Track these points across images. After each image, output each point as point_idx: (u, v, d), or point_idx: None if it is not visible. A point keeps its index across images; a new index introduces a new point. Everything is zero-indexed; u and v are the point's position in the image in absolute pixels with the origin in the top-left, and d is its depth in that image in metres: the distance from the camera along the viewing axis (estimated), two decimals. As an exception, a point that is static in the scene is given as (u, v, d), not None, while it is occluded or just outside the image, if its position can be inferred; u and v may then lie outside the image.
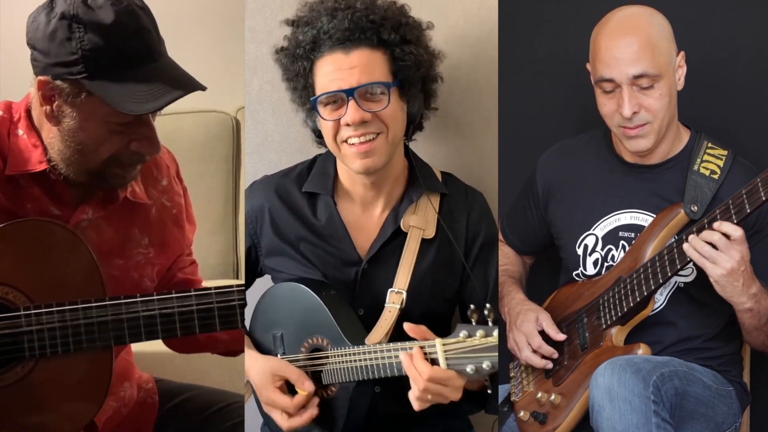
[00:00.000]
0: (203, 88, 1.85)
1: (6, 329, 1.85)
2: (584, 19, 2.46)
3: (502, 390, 2.32)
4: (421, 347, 1.85)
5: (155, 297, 1.90)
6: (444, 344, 1.81)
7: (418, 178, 2.12)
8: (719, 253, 1.97)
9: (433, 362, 1.83)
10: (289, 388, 2.06)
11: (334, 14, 2.00)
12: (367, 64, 1.99)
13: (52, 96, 1.84)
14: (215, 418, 2.12)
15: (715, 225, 1.98)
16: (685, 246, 2.01)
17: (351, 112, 1.98)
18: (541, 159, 2.39)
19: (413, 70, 2.04)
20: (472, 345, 1.79)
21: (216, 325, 1.91)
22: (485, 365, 1.77)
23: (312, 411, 2.02)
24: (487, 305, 1.78)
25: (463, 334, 1.79)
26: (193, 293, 1.91)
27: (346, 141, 2.01)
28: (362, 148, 2.00)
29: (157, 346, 2.01)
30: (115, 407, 2.05)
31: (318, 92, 2.03)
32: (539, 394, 2.22)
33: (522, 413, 2.24)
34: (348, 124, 1.99)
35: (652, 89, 2.10)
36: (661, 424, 1.96)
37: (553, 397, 2.18)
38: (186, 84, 1.85)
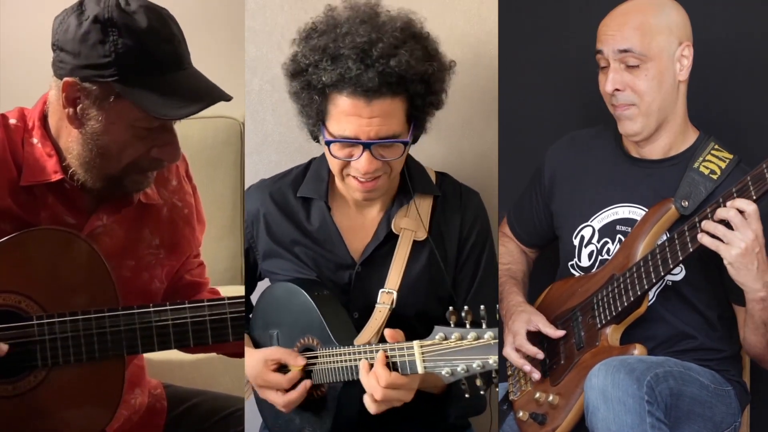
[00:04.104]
0: (229, 98, 1.89)
1: (19, 338, 1.88)
2: (584, 19, 2.49)
3: (501, 388, 2.34)
4: (400, 349, 1.87)
5: (168, 307, 1.93)
6: (421, 346, 1.82)
7: (408, 181, 2.15)
8: (734, 233, 1.97)
9: (407, 365, 1.85)
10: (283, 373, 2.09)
11: (365, 61, 1.95)
12: (387, 114, 1.98)
13: (77, 98, 1.87)
14: (223, 423, 2.16)
15: (728, 204, 1.99)
16: (698, 234, 2.02)
17: (365, 162, 2.00)
18: (551, 148, 2.43)
19: (430, 114, 2.08)
20: (447, 347, 1.79)
21: (229, 335, 1.95)
22: (460, 368, 1.76)
23: (306, 383, 2.06)
24: (465, 307, 1.78)
25: (439, 336, 1.80)
26: (206, 303, 1.94)
27: (352, 175, 2.05)
28: (367, 186, 2.05)
29: (165, 353, 2.03)
30: (126, 415, 2.10)
31: (331, 125, 2.02)
32: (537, 394, 2.25)
33: (521, 413, 2.27)
34: (358, 169, 2.02)
35: (638, 69, 2.15)
36: (655, 424, 1.99)
37: (551, 397, 2.21)
38: (214, 92, 1.89)
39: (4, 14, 2.80)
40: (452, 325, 1.79)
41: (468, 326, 1.77)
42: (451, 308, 1.80)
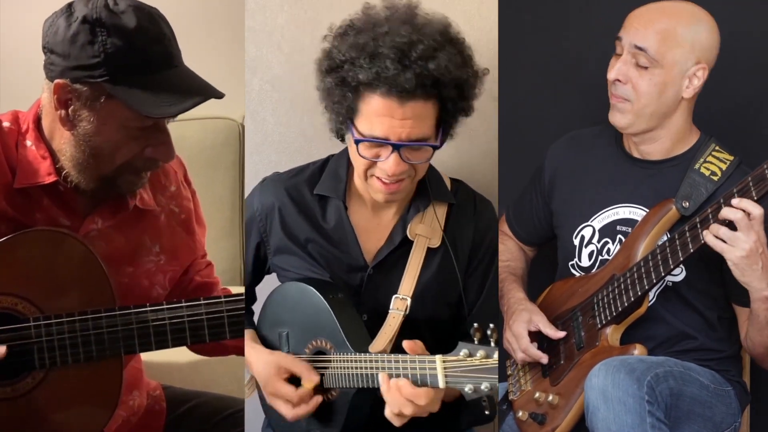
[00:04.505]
0: (221, 96, 1.89)
1: (16, 340, 1.88)
2: (584, 19, 2.50)
3: (501, 388, 2.35)
4: (421, 362, 1.85)
5: (165, 306, 1.93)
6: (444, 361, 1.81)
7: (427, 187, 2.14)
8: (737, 234, 1.98)
9: (428, 378, 1.84)
10: (293, 383, 2.09)
11: (403, 62, 1.93)
12: (419, 116, 1.96)
13: (68, 99, 1.87)
14: (223, 424, 2.16)
15: (734, 202, 1.98)
16: (704, 233, 2.02)
17: (392, 164, 1.98)
18: (551, 147, 2.44)
19: (458, 120, 2.06)
20: (472, 364, 1.77)
21: (226, 333, 1.94)
22: (484, 386, 1.76)
23: (316, 399, 2.05)
24: (491, 325, 1.76)
25: (464, 352, 1.78)
26: (202, 302, 1.94)
27: (376, 176, 2.03)
28: (391, 189, 2.03)
29: (163, 355, 2.04)
30: (124, 417, 2.09)
31: (361, 125, 2.00)
32: (537, 394, 2.25)
33: (520, 413, 2.27)
34: (384, 170, 2.00)
35: (645, 70, 2.14)
36: (656, 424, 2.00)
37: (551, 397, 2.21)
38: (205, 90, 1.89)
39: (3, 16, 2.80)
40: (476, 342, 1.78)
41: (493, 344, 1.76)
42: (476, 325, 1.78)
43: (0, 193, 1.91)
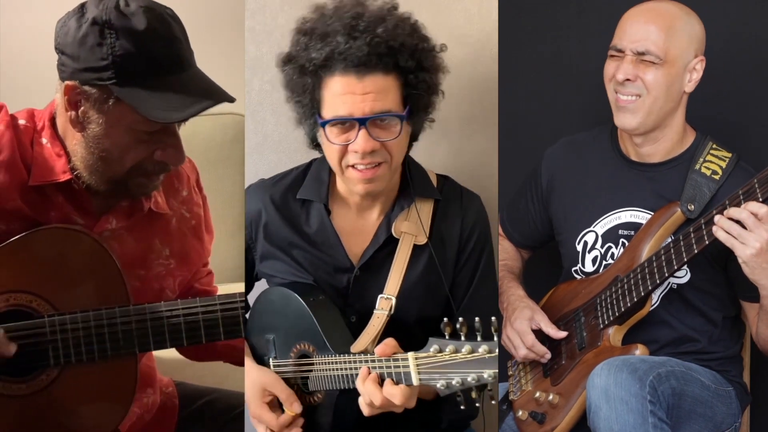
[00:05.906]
0: (232, 100, 1.89)
1: (31, 337, 1.89)
2: (584, 19, 2.50)
3: (501, 388, 2.34)
4: (395, 360, 1.85)
5: (180, 303, 1.94)
6: (416, 358, 1.81)
7: (411, 183, 2.14)
8: (748, 233, 1.98)
9: (402, 376, 1.84)
10: (280, 403, 2.10)
11: (352, 35, 1.97)
12: (380, 90, 1.98)
13: (78, 101, 1.87)
14: (236, 421, 2.16)
15: (742, 206, 1.99)
16: (713, 228, 2.02)
17: (361, 141, 1.98)
18: (547, 152, 2.43)
19: (424, 97, 2.06)
20: (442, 360, 1.77)
21: (241, 331, 1.95)
22: (455, 381, 1.75)
23: (296, 429, 2.06)
24: (460, 318, 1.76)
25: (434, 348, 1.78)
26: (217, 299, 1.95)
27: (351, 166, 2.02)
28: (367, 175, 2.02)
29: (176, 351, 2.02)
30: (138, 413, 2.10)
31: (326, 111, 2.02)
32: (537, 394, 2.25)
33: (520, 413, 2.27)
34: (356, 151, 1.99)
35: (653, 66, 2.14)
36: (657, 424, 2.00)
37: (551, 397, 2.21)
38: (215, 94, 1.88)
39: (11, 15, 2.79)
40: (447, 337, 1.78)
41: (463, 338, 1.76)
42: (445, 319, 1.79)
43: (15, 190, 1.91)
